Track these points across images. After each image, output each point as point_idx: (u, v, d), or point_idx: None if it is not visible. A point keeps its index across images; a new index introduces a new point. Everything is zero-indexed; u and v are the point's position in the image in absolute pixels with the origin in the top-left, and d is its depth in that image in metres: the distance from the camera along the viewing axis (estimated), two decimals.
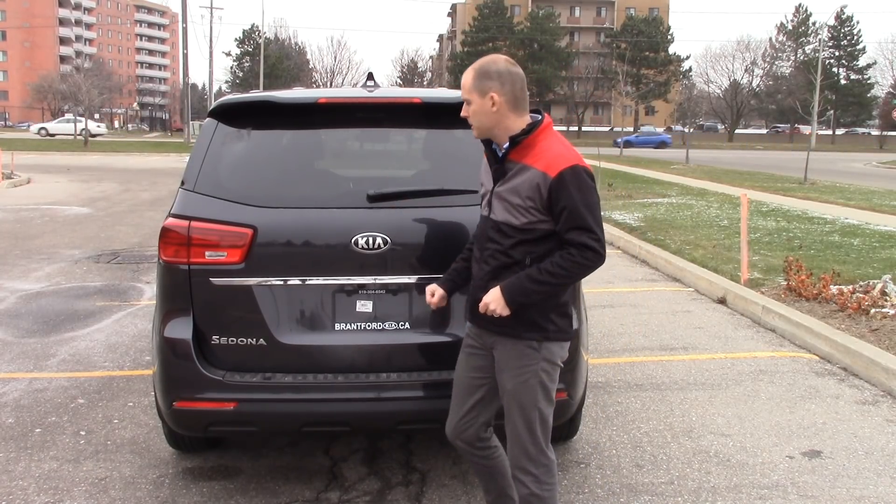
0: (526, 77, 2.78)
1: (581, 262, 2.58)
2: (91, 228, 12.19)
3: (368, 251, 3.24)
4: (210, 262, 3.23)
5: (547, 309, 2.68)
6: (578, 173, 2.59)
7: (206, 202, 3.29)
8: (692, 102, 61.26)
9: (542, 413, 2.73)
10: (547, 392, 2.74)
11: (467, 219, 3.23)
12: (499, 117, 2.66)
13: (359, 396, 3.29)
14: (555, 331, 2.72)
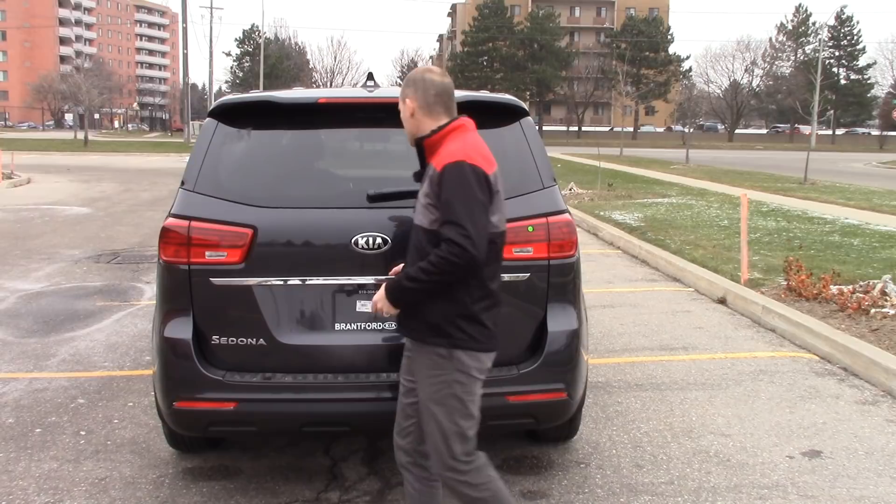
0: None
1: (447, 258, 2.48)
2: (91, 228, 12.19)
3: (368, 251, 3.24)
4: (210, 262, 3.23)
5: (451, 314, 2.60)
6: (461, 168, 2.54)
7: (206, 202, 3.29)
8: (692, 102, 61.03)
9: (458, 427, 2.64)
10: (463, 406, 2.65)
11: None
12: (416, 123, 2.74)
13: (359, 397, 3.29)
14: (463, 339, 2.61)
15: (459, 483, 2.65)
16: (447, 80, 2.76)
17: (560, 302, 3.45)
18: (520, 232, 3.34)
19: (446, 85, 2.74)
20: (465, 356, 2.63)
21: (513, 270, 3.32)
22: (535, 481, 3.75)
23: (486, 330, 2.67)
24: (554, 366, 3.37)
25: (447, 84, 2.74)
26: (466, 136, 2.68)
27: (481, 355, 2.68)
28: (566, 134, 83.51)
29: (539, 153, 3.57)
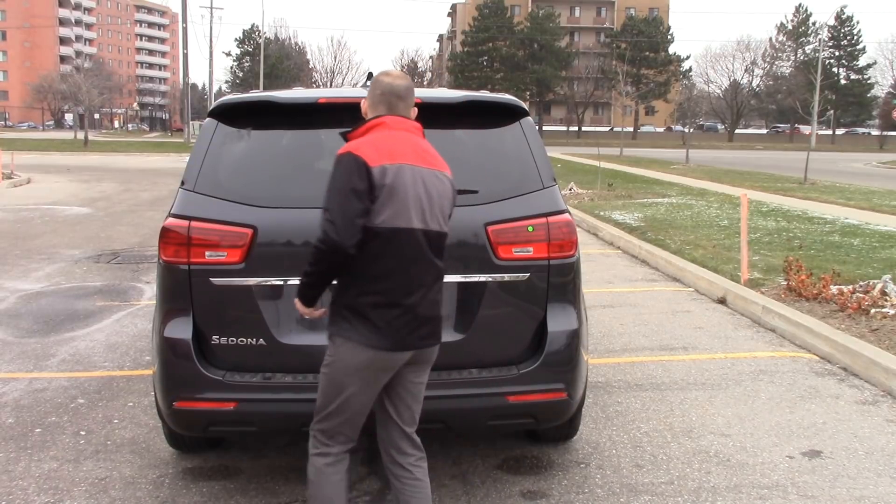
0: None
1: (316, 246, 2.56)
2: (91, 228, 12.19)
3: None
4: (210, 262, 3.23)
5: (338, 303, 2.67)
6: (342, 158, 2.59)
7: (206, 202, 3.29)
8: (692, 102, 61.07)
9: (322, 404, 2.76)
10: (330, 388, 2.70)
11: (466, 218, 3.23)
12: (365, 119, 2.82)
13: None
14: (344, 328, 2.64)
15: (310, 453, 2.81)
16: (400, 81, 2.75)
17: (560, 302, 3.46)
18: (520, 232, 3.34)
19: (395, 86, 2.74)
20: (343, 346, 2.64)
21: (513, 270, 3.32)
22: (535, 481, 3.75)
23: (372, 326, 2.61)
24: (554, 366, 3.37)
25: (396, 85, 2.74)
26: (378, 133, 2.68)
27: (368, 351, 2.62)
28: (566, 134, 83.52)
29: (539, 153, 3.56)
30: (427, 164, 2.69)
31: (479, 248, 3.32)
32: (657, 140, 79.81)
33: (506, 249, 3.34)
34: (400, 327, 2.62)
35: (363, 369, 2.65)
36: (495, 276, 3.32)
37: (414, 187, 2.62)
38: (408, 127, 2.73)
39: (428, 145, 2.77)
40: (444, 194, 2.72)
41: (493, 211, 3.36)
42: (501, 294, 3.35)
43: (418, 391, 2.83)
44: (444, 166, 2.76)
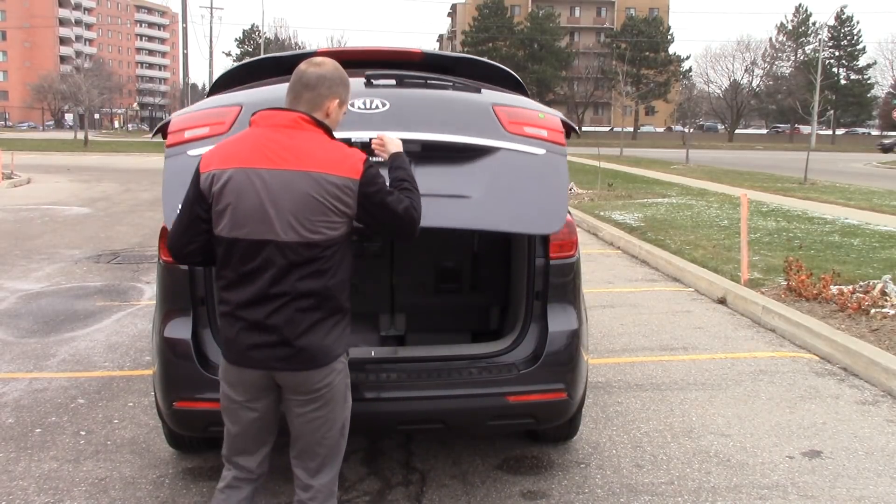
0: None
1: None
2: (91, 228, 12.19)
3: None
4: None
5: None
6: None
7: None
8: (692, 102, 61.17)
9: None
10: (223, 404, 2.63)
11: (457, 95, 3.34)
12: None
13: (358, 396, 3.28)
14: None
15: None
16: (314, 69, 2.50)
17: (560, 302, 3.46)
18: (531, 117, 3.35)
19: (305, 74, 2.50)
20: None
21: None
22: (535, 481, 3.75)
23: (223, 336, 2.54)
24: (554, 366, 3.37)
25: (308, 74, 2.50)
26: (243, 132, 2.55)
27: (223, 361, 2.56)
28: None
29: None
30: (281, 165, 2.39)
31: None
32: (657, 140, 79.76)
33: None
34: (242, 342, 2.45)
35: (223, 381, 2.58)
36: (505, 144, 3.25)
37: (252, 193, 2.39)
38: (276, 123, 2.46)
39: (298, 142, 2.43)
40: (299, 199, 2.38)
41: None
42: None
43: (303, 425, 2.56)
44: (317, 165, 2.40)
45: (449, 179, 3.09)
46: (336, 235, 2.45)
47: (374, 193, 2.46)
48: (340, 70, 2.56)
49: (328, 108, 2.51)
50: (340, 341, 2.52)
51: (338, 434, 2.61)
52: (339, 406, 2.58)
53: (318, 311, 2.45)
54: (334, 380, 2.52)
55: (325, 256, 2.44)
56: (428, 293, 4.15)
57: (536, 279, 3.44)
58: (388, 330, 4.24)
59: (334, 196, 2.40)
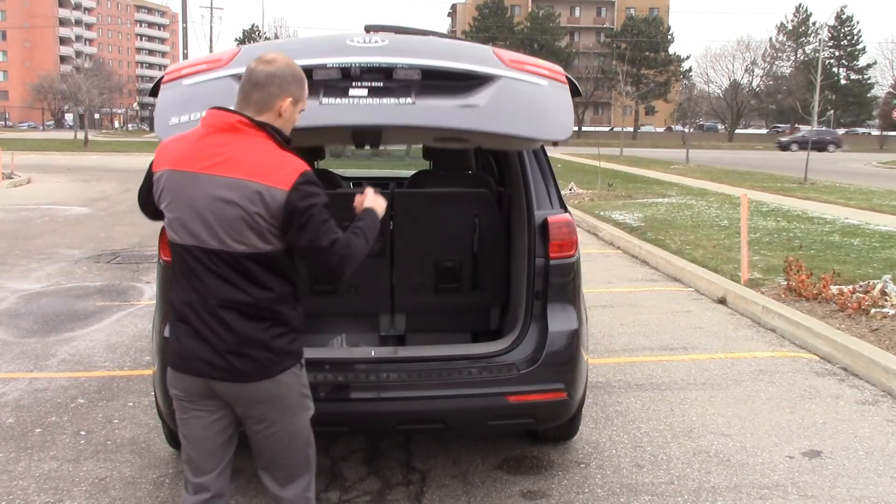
0: None
1: None
2: (91, 228, 12.19)
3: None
4: None
5: None
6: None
7: None
8: (692, 102, 61.11)
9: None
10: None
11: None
12: None
13: (359, 396, 3.29)
14: None
15: None
16: (262, 67, 2.37)
17: (560, 302, 3.46)
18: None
19: (254, 72, 2.38)
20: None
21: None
22: (535, 481, 3.75)
23: (170, 338, 2.50)
24: (554, 366, 3.37)
25: (257, 72, 2.37)
26: (192, 130, 2.45)
27: (169, 369, 2.50)
28: None
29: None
30: (210, 169, 2.30)
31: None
32: (657, 140, 79.69)
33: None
34: (184, 346, 2.41)
35: (171, 388, 2.53)
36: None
37: (184, 197, 2.33)
38: (216, 124, 2.36)
39: (232, 147, 2.31)
40: (222, 206, 2.28)
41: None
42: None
43: (261, 441, 2.50)
44: (245, 172, 2.28)
45: (451, 99, 3.03)
46: (268, 249, 2.33)
47: (302, 211, 2.28)
48: (294, 66, 2.41)
49: (279, 107, 2.37)
50: (284, 355, 2.41)
51: (301, 445, 2.55)
52: (296, 418, 2.50)
53: (254, 322, 2.36)
54: (282, 393, 2.43)
55: (257, 269, 2.34)
56: (428, 293, 4.15)
57: (536, 279, 3.45)
58: (388, 330, 4.24)
59: (257, 206, 2.27)
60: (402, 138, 3.07)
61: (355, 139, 3.09)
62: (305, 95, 2.47)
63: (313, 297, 4.08)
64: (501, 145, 3.16)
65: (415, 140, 3.11)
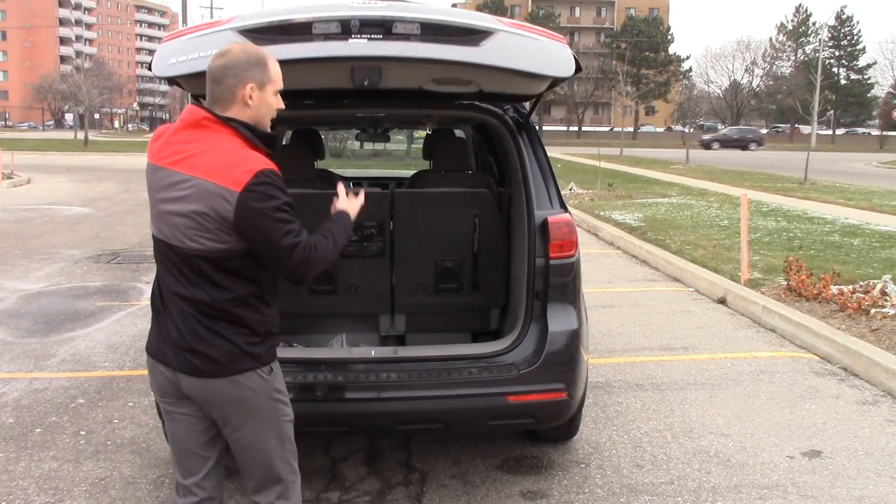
0: None
1: None
2: (91, 228, 12.19)
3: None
4: None
5: None
6: None
7: None
8: (692, 102, 61.24)
9: None
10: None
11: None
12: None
13: (359, 397, 3.29)
14: None
15: None
16: (217, 61, 2.33)
17: (560, 302, 3.46)
18: None
19: (210, 67, 2.35)
20: None
21: None
22: (535, 481, 3.75)
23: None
24: (554, 366, 3.37)
25: (211, 67, 2.34)
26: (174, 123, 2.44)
27: (147, 356, 2.52)
28: (566, 134, 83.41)
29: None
30: (173, 165, 2.30)
31: None
32: (657, 140, 79.64)
33: None
34: (157, 333, 2.48)
35: (150, 386, 2.56)
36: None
37: (156, 191, 2.37)
38: (185, 119, 2.35)
39: (195, 143, 2.30)
40: (185, 208, 2.27)
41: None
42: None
43: (231, 443, 2.48)
44: (199, 170, 2.25)
45: (453, 45, 3.03)
46: (220, 248, 2.28)
47: (254, 213, 2.21)
48: (250, 52, 2.34)
49: (243, 96, 2.31)
50: (242, 356, 2.35)
51: (272, 453, 2.46)
52: (263, 425, 2.43)
53: (212, 321, 2.34)
54: (245, 396, 2.37)
55: (210, 269, 2.31)
56: (428, 293, 4.15)
57: (536, 279, 3.44)
58: (388, 330, 4.24)
59: (208, 206, 2.23)
60: (402, 78, 3.03)
61: (354, 76, 3.04)
62: (273, 76, 2.36)
63: (313, 297, 4.09)
64: (504, 87, 3.11)
65: (415, 80, 3.05)
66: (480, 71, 3.00)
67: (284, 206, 2.27)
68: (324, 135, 5.98)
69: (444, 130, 5.15)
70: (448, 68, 3.00)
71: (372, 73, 3.08)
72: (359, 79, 3.07)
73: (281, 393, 2.48)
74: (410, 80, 3.08)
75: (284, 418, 2.49)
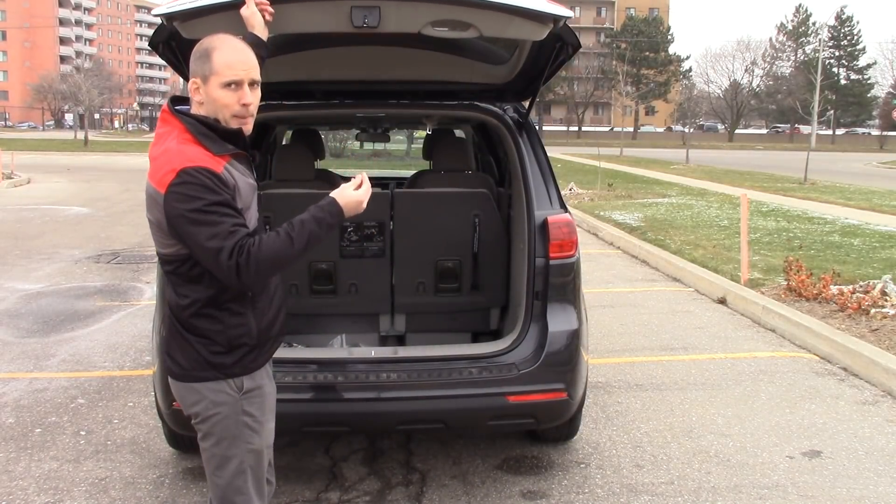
0: None
1: None
2: (91, 228, 12.19)
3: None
4: None
5: None
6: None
7: None
8: (692, 102, 61.30)
9: None
10: None
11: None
12: None
13: (359, 397, 3.29)
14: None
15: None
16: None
17: (560, 302, 3.46)
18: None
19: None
20: None
21: None
22: (535, 481, 3.75)
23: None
24: (554, 366, 3.37)
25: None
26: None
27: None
28: (566, 134, 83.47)
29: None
30: (149, 167, 2.27)
31: None
32: (657, 140, 79.72)
33: None
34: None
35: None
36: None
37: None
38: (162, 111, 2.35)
39: (157, 143, 2.29)
40: (147, 209, 2.26)
41: None
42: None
43: (203, 456, 2.42)
44: (153, 176, 2.21)
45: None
46: (170, 252, 2.25)
47: (177, 214, 2.12)
48: (199, 45, 2.23)
49: (194, 93, 2.23)
50: (202, 365, 2.26)
51: (229, 477, 2.33)
52: (224, 444, 2.31)
53: (176, 325, 2.30)
54: (207, 411, 2.27)
55: (170, 272, 2.28)
56: (428, 293, 4.15)
57: (536, 279, 3.45)
58: (388, 330, 4.25)
59: (151, 208, 2.21)
60: (401, 20, 2.98)
61: (353, 16, 3.00)
62: (216, 67, 2.18)
63: (313, 297, 4.09)
64: (503, 30, 3.05)
65: (414, 22, 2.98)
66: (479, 12, 2.96)
67: (211, 206, 2.09)
68: (324, 135, 5.99)
69: (444, 130, 5.15)
70: (448, 9, 2.96)
71: (371, 14, 3.02)
72: (357, 18, 3.00)
73: (251, 418, 2.34)
74: (409, 23, 3.01)
75: (248, 446, 2.35)
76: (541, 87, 3.81)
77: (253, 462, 2.37)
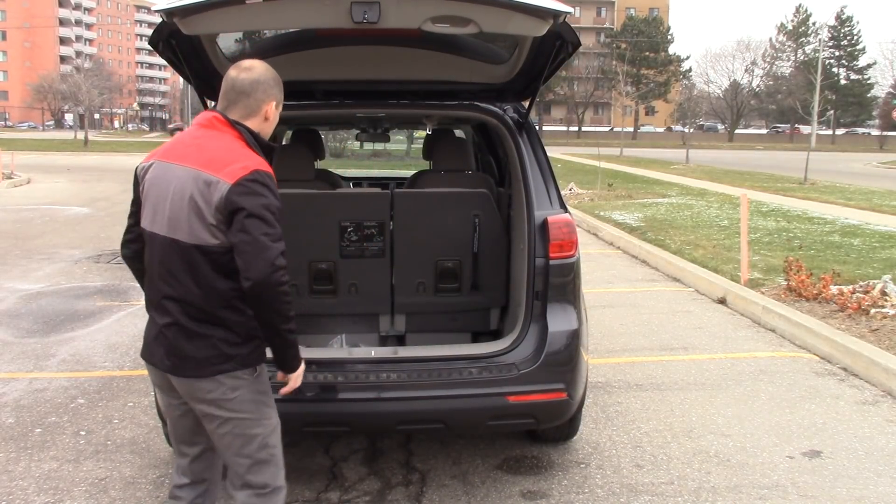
0: None
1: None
2: (91, 228, 12.19)
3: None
4: None
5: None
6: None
7: None
8: (692, 102, 61.23)
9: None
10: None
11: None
12: None
13: (359, 397, 3.29)
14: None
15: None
16: (245, 75, 2.44)
17: (560, 302, 3.46)
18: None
19: (234, 81, 2.44)
20: None
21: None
22: (535, 481, 3.75)
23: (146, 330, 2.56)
24: (554, 366, 3.37)
25: (240, 80, 2.44)
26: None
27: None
28: (566, 134, 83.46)
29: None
30: (182, 160, 2.37)
31: None
32: (657, 140, 79.71)
33: None
34: (148, 335, 2.51)
35: (157, 385, 2.63)
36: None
37: (158, 186, 2.40)
38: (198, 120, 2.49)
39: (203, 140, 2.40)
40: (183, 199, 2.32)
41: None
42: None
43: (216, 441, 2.50)
44: (202, 163, 2.33)
45: None
46: (215, 244, 2.32)
47: (241, 208, 2.25)
48: (272, 70, 2.50)
49: (266, 111, 2.48)
50: (223, 358, 2.38)
51: (253, 454, 2.47)
52: (243, 425, 2.44)
53: (194, 321, 2.37)
54: (225, 397, 2.40)
55: (205, 264, 2.34)
56: (428, 293, 4.15)
57: (536, 279, 3.45)
58: (388, 330, 4.24)
59: (205, 197, 2.29)
60: (401, 15, 2.95)
61: (353, 11, 2.99)
62: (282, 97, 2.55)
63: (313, 297, 4.09)
64: (504, 25, 3.02)
65: (414, 17, 2.94)
66: (479, 7, 2.95)
67: (274, 207, 2.32)
68: (324, 135, 5.99)
69: (444, 130, 5.15)
70: (448, 4, 2.95)
71: (371, 9, 3.02)
72: (357, 14, 3.00)
73: (265, 395, 2.51)
74: (409, 18, 2.99)
75: (268, 421, 2.51)
76: (541, 87, 3.81)
77: (271, 437, 2.52)
